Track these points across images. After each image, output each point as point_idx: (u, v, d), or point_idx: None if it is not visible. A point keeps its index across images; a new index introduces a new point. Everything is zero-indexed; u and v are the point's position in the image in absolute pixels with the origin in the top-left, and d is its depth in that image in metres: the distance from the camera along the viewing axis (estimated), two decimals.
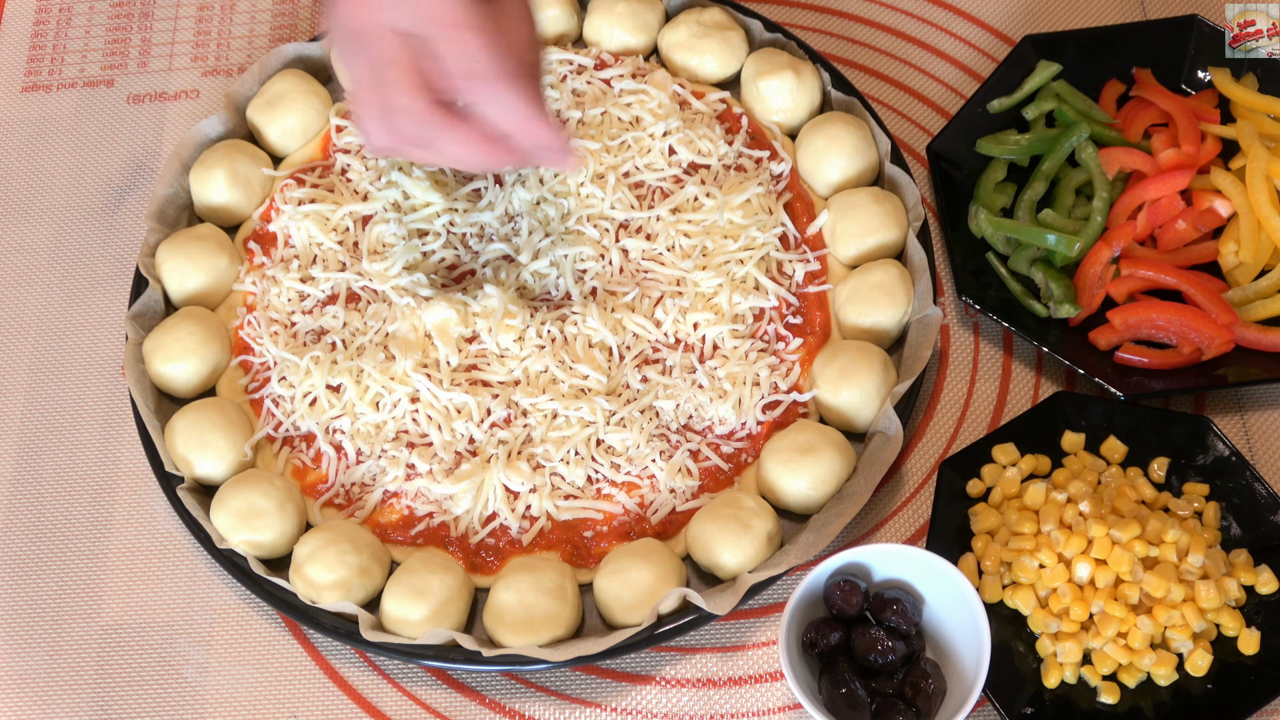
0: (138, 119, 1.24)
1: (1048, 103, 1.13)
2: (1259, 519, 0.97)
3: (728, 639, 0.99)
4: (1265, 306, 1.04)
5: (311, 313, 1.09)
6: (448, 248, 1.11)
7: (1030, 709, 0.92)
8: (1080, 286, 1.07)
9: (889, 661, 0.91)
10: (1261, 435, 1.05)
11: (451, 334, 1.06)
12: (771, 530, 0.96)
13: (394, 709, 0.98)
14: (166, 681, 1.00)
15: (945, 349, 1.09)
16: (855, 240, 1.07)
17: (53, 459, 1.09)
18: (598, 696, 0.98)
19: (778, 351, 1.05)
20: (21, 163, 1.23)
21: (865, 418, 1.01)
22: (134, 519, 1.06)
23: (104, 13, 1.31)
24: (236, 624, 1.01)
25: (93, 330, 1.14)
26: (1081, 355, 1.03)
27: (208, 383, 1.07)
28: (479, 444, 1.02)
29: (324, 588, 0.95)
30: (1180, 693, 0.93)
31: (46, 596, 1.03)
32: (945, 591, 0.92)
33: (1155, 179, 1.08)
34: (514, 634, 0.94)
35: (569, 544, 0.99)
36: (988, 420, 1.06)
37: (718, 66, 1.16)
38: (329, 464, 1.03)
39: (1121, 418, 1.01)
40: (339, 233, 1.12)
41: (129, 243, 1.18)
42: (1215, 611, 0.93)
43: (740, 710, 0.97)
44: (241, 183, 1.12)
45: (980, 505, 1.00)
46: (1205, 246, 1.08)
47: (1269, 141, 1.09)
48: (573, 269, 1.08)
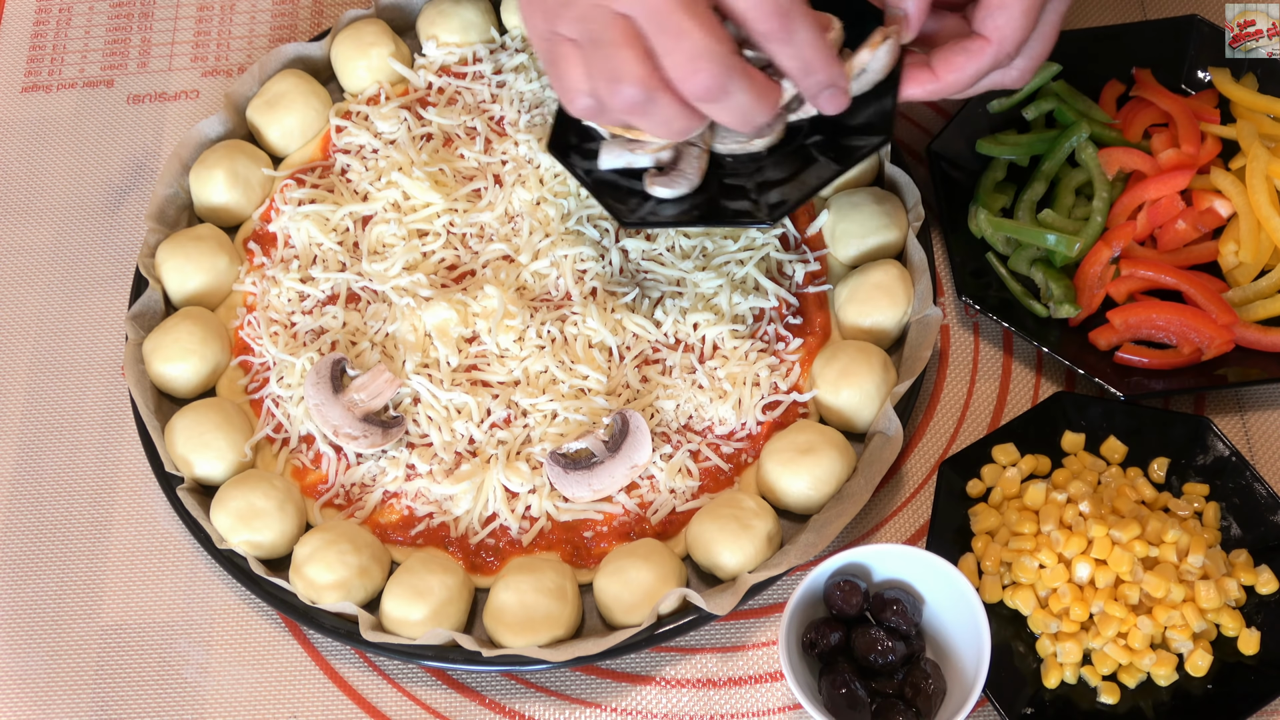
0: (138, 119, 1.24)
1: (1048, 103, 1.13)
2: (1259, 519, 0.97)
3: (728, 639, 0.99)
4: (1265, 306, 1.04)
5: (311, 313, 1.09)
6: (448, 248, 1.11)
7: (1030, 709, 0.92)
8: (1080, 286, 1.06)
9: (889, 661, 0.91)
10: (1261, 435, 1.05)
11: (451, 334, 1.06)
12: (771, 530, 0.96)
13: (394, 709, 0.98)
14: (166, 681, 1.00)
15: (945, 349, 1.09)
16: (855, 240, 1.07)
17: (53, 459, 1.09)
18: (598, 696, 0.98)
19: (778, 352, 1.05)
20: (21, 163, 1.23)
21: (865, 418, 1.01)
22: (134, 519, 1.06)
23: (104, 13, 1.31)
24: (236, 624, 1.01)
25: (93, 330, 1.14)
26: (1081, 355, 1.03)
27: (207, 383, 1.07)
28: (479, 444, 1.02)
29: (324, 588, 0.95)
30: (1180, 693, 0.93)
31: (46, 596, 1.03)
32: (945, 591, 0.92)
33: (1155, 179, 1.08)
34: (514, 634, 0.94)
35: (569, 544, 0.99)
36: (988, 420, 1.06)
37: None
38: (329, 464, 1.03)
39: (1121, 418, 1.01)
40: (339, 233, 1.12)
41: (129, 243, 1.18)
42: (1215, 611, 0.93)
43: (740, 710, 0.97)
44: (241, 183, 1.12)
45: (980, 505, 1.00)
46: (1205, 246, 1.08)
47: (1269, 141, 1.09)
48: (573, 269, 1.08)
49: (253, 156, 1.14)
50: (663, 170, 0.97)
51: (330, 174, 1.15)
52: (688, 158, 0.96)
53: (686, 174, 0.96)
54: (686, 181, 0.96)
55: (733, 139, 0.97)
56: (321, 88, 1.18)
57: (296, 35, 1.28)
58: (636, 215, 0.96)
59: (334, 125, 1.16)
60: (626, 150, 0.97)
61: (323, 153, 1.16)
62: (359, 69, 1.17)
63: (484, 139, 1.15)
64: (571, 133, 1.01)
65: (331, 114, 1.17)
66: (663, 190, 0.96)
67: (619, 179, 0.98)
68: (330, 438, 1.01)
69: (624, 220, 0.96)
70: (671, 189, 0.96)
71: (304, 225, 1.11)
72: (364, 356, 1.06)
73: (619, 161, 0.98)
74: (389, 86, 1.18)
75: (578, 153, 1.00)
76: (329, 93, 1.19)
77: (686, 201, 0.96)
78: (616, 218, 0.97)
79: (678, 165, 0.96)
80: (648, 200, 0.97)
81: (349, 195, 1.13)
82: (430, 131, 1.15)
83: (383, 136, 1.15)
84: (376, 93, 1.17)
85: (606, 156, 0.98)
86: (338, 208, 1.12)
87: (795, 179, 0.96)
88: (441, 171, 1.13)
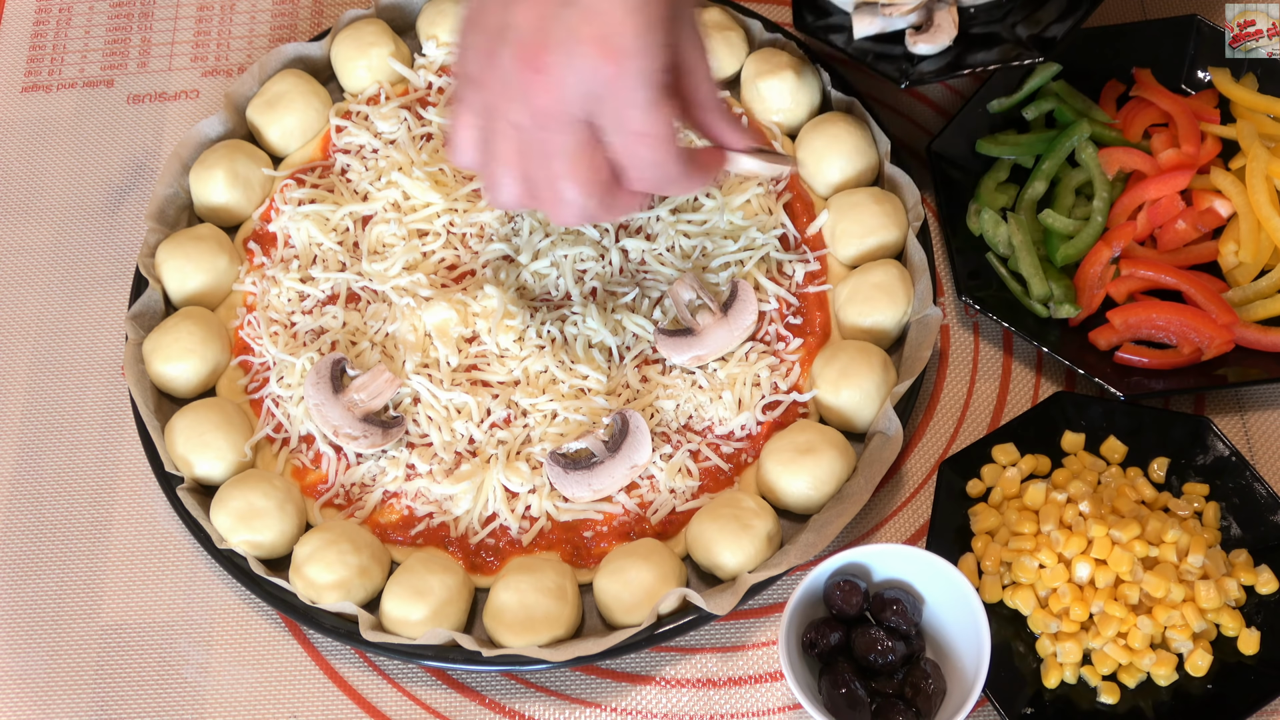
0: (138, 119, 1.24)
1: (1048, 103, 1.13)
2: (1259, 519, 0.97)
3: (728, 639, 0.99)
4: (1265, 306, 1.04)
5: (311, 313, 1.09)
6: (448, 248, 1.11)
7: (1030, 709, 0.92)
8: (1080, 286, 1.07)
9: (889, 661, 0.91)
10: (1261, 435, 1.05)
11: (451, 334, 1.06)
12: (771, 530, 0.96)
13: (394, 709, 0.98)
14: (166, 681, 1.00)
15: (945, 349, 1.09)
16: (855, 240, 1.07)
17: (53, 459, 1.09)
18: (598, 696, 0.98)
19: (778, 352, 1.05)
20: (21, 163, 1.23)
21: (865, 418, 1.01)
22: (134, 519, 1.06)
23: (104, 13, 1.31)
24: (236, 624, 1.01)
25: (93, 330, 1.14)
26: (1081, 355, 1.03)
27: (207, 383, 1.07)
28: (479, 444, 1.02)
29: (324, 588, 0.95)
30: (1180, 693, 0.93)
31: (46, 596, 1.03)
32: (945, 591, 0.92)
33: (1155, 179, 1.08)
34: (514, 634, 0.94)
35: (569, 544, 0.99)
36: (988, 420, 1.06)
37: (717, 66, 1.16)
38: (329, 464, 1.03)
39: (1121, 418, 1.01)
40: (339, 233, 1.12)
41: (129, 243, 1.18)
42: (1215, 611, 0.93)
43: (740, 710, 0.97)
44: (241, 183, 1.12)
45: (980, 505, 1.00)
46: (1205, 246, 1.08)
47: (1269, 141, 1.09)
48: (573, 269, 1.08)
49: (253, 156, 1.14)
50: (920, 29, 1.02)
51: (330, 174, 1.15)
52: (940, 11, 1.01)
53: (944, 27, 1.01)
54: (946, 34, 1.01)
55: None
56: (321, 88, 1.18)
57: (296, 35, 1.28)
58: (911, 76, 1.01)
59: (334, 125, 1.16)
60: (880, 15, 1.02)
61: (323, 153, 1.16)
62: (359, 69, 1.17)
63: None
64: (808, 12, 1.07)
65: (331, 114, 1.17)
66: (926, 47, 1.01)
67: (875, 45, 1.03)
68: (330, 438, 1.01)
69: (901, 82, 1.01)
70: (934, 44, 1.01)
71: (304, 225, 1.11)
72: (364, 356, 1.06)
73: (873, 28, 1.03)
74: (389, 86, 1.18)
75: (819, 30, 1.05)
76: (329, 93, 1.19)
77: (950, 53, 1.02)
78: (894, 81, 1.01)
79: (934, 20, 1.01)
80: (911, 60, 1.02)
81: (349, 195, 1.13)
82: (430, 131, 1.15)
83: (383, 136, 1.15)
84: (376, 93, 1.17)
85: (860, 25, 1.03)
86: (338, 208, 1.12)
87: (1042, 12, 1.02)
88: (441, 171, 1.13)
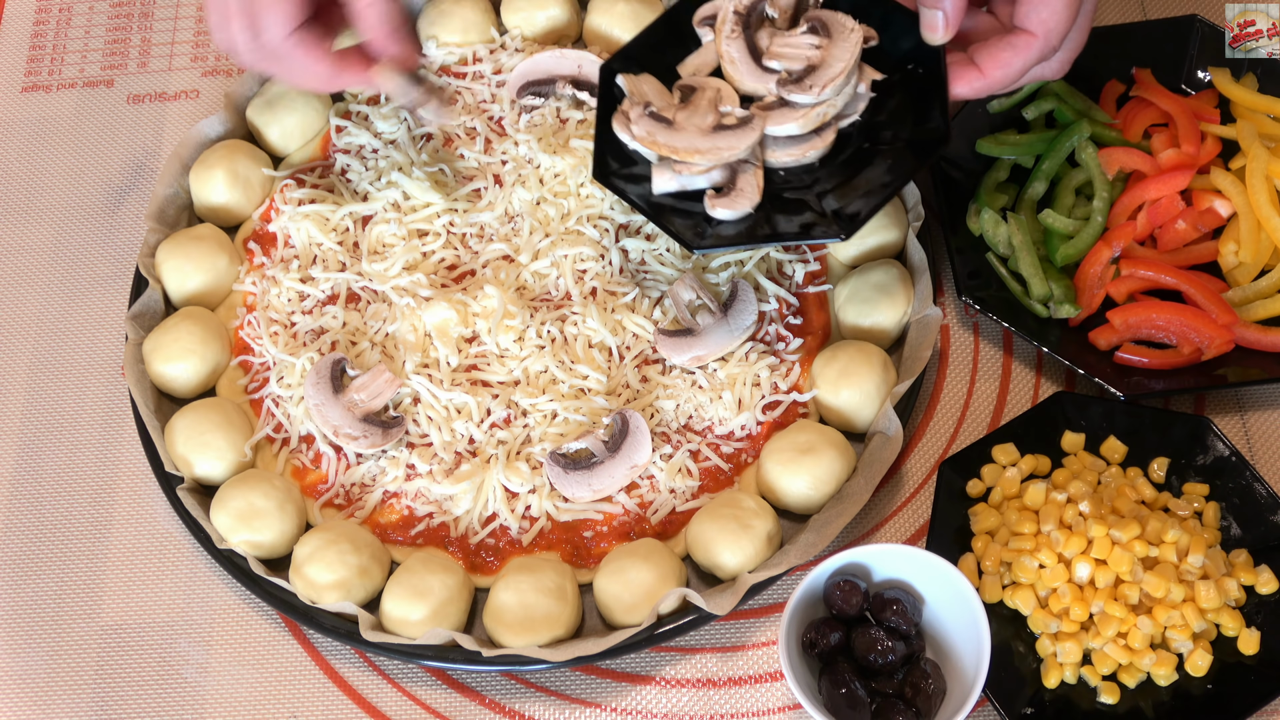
0: (138, 119, 1.24)
1: (1047, 103, 1.13)
2: (1259, 519, 0.97)
3: (728, 639, 0.99)
4: (1265, 306, 1.04)
5: (311, 313, 1.09)
6: (448, 248, 1.11)
7: (1030, 709, 0.92)
8: (1080, 286, 1.07)
9: (889, 661, 0.91)
10: (1261, 435, 1.05)
11: (451, 334, 1.06)
12: (771, 530, 0.96)
13: (394, 709, 0.98)
14: (166, 681, 1.00)
15: (945, 349, 1.09)
16: (855, 240, 1.07)
17: (53, 459, 1.09)
18: (598, 696, 0.98)
19: (778, 352, 1.05)
20: (21, 163, 1.23)
21: (865, 418, 1.01)
22: (134, 519, 1.06)
23: (104, 13, 1.31)
24: (236, 624, 1.01)
25: (93, 330, 1.14)
26: (1081, 355, 1.03)
27: (207, 383, 1.07)
28: (479, 444, 1.02)
29: (324, 588, 0.95)
30: (1180, 693, 0.93)
31: (46, 596, 1.03)
32: (945, 591, 0.92)
33: (1155, 179, 1.08)
34: (514, 634, 0.94)
35: (569, 544, 0.99)
36: (988, 420, 1.06)
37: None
38: (329, 464, 1.03)
39: (1121, 418, 1.01)
40: (339, 233, 1.12)
41: (129, 243, 1.18)
42: (1215, 611, 0.93)
43: (740, 710, 0.97)
44: (241, 183, 1.12)
45: (980, 505, 1.00)
46: (1205, 246, 1.08)
47: (1269, 141, 1.09)
48: (573, 269, 1.08)
49: (253, 156, 1.14)
50: (721, 191, 0.95)
51: (330, 174, 1.15)
52: (744, 175, 0.95)
53: (746, 192, 0.94)
54: (748, 200, 0.94)
55: (784, 151, 0.96)
56: None
57: None
58: (705, 239, 0.94)
59: (334, 125, 1.16)
60: (677, 172, 0.95)
61: (323, 153, 1.16)
62: None
63: (484, 139, 1.15)
64: (612, 158, 0.99)
65: (331, 114, 1.17)
66: (725, 212, 0.94)
67: (675, 202, 0.97)
68: (330, 438, 1.01)
69: (694, 246, 0.94)
70: (734, 210, 0.94)
71: (304, 225, 1.11)
72: (364, 356, 1.06)
73: (672, 185, 0.96)
74: None
75: (621, 178, 0.98)
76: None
77: (750, 219, 0.95)
78: (685, 245, 0.94)
79: (735, 184, 0.94)
80: (710, 221, 0.95)
81: (349, 195, 1.13)
82: (430, 131, 1.15)
83: (383, 136, 1.15)
84: (376, 93, 1.17)
85: (659, 180, 0.96)
86: (338, 208, 1.12)
87: (851, 185, 0.95)
88: (441, 171, 1.13)
